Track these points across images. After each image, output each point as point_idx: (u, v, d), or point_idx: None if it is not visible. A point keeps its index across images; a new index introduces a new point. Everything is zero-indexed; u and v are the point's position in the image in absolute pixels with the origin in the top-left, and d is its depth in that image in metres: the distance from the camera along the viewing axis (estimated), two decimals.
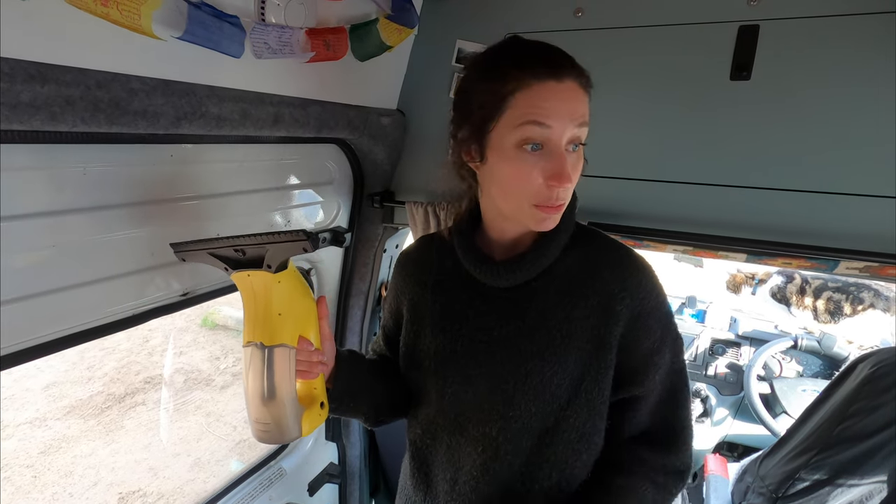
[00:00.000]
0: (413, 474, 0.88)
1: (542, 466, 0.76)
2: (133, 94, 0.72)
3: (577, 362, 0.74)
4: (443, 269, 0.84)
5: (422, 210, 1.33)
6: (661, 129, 1.10)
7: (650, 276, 0.76)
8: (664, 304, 0.78)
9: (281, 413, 0.70)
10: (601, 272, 0.75)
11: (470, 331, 0.78)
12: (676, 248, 1.12)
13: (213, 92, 0.84)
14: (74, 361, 4.46)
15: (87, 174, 0.79)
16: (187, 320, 5.31)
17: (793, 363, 2.25)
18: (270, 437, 0.73)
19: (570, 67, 0.67)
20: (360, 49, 1.06)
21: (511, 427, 0.75)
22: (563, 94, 0.65)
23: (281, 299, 0.71)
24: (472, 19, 1.25)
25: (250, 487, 1.40)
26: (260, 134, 0.99)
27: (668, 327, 0.78)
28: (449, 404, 0.80)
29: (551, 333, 0.74)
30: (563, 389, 0.74)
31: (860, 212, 0.96)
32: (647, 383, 0.76)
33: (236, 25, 0.77)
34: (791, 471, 1.23)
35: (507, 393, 0.75)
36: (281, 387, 0.70)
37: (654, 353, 0.76)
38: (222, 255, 0.74)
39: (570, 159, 0.67)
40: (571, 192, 0.71)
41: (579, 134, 0.67)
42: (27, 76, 0.60)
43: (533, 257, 0.75)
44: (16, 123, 0.61)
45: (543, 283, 0.76)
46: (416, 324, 0.85)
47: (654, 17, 1.07)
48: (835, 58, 0.95)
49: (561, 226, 0.73)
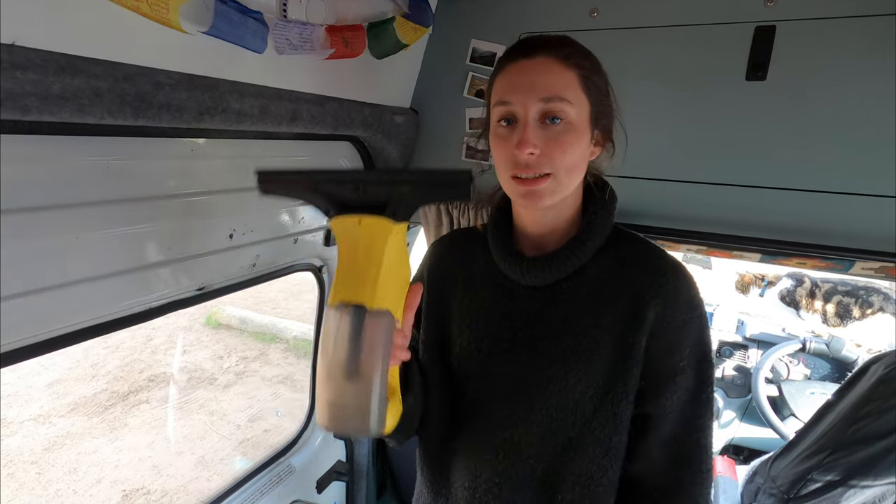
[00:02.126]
0: (431, 481, 0.83)
1: (566, 478, 0.72)
2: (158, 88, 0.73)
3: (604, 372, 0.70)
4: (475, 264, 0.81)
5: (434, 208, 1.33)
6: (676, 129, 1.11)
7: (688, 287, 0.71)
8: (700, 320, 0.71)
9: (367, 396, 0.55)
10: (635, 275, 0.71)
11: (496, 329, 0.75)
12: (690, 248, 1.12)
13: (235, 87, 0.85)
14: (78, 359, 4.46)
15: (110, 167, 0.80)
16: (191, 319, 5.32)
17: (801, 366, 2.25)
18: (346, 426, 0.56)
19: (545, 45, 0.66)
20: (377, 47, 1.07)
21: (533, 432, 0.72)
22: (531, 70, 0.66)
23: (393, 256, 0.58)
24: (487, 19, 1.26)
25: (260, 483, 1.40)
26: (278, 130, 0.99)
27: (700, 347, 0.71)
28: (470, 403, 0.77)
29: (577, 339, 0.71)
30: (588, 399, 0.70)
31: (876, 212, 0.96)
32: (662, 402, 0.70)
33: (260, 21, 0.78)
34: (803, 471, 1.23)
35: (528, 397, 0.72)
36: (373, 364, 0.55)
37: (678, 371, 0.70)
38: (329, 191, 0.60)
39: (544, 131, 0.66)
40: (548, 164, 0.66)
41: (548, 108, 0.65)
42: (58, 68, 0.61)
43: (564, 256, 0.72)
44: (46, 115, 0.62)
45: (574, 284, 0.73)
46: (442, 316, 0.82)
47: (670, 17, 1.08)
48: (851, 58, 0.95)
49: (594, 226, 0.72)
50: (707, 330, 0.72)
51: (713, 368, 0.72)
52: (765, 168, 1.04)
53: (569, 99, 0.65)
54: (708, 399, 0.72)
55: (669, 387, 0.70)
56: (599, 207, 0.74)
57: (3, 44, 0.56)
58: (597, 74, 0.69)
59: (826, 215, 1.00)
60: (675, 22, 1.07)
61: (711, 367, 0.72)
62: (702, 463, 0.72)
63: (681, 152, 1.11)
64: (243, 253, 1.11)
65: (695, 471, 0.72)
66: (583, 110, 0.67)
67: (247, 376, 4.42)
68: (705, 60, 1.06)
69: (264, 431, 3.73)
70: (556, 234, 0.75)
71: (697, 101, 1.08)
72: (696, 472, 0.72)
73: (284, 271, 1.27)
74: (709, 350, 0.72)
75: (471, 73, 1.28)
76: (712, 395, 0.72)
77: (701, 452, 0.72)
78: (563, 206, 0.73)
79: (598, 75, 0.70)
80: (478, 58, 1.28)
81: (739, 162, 1.06)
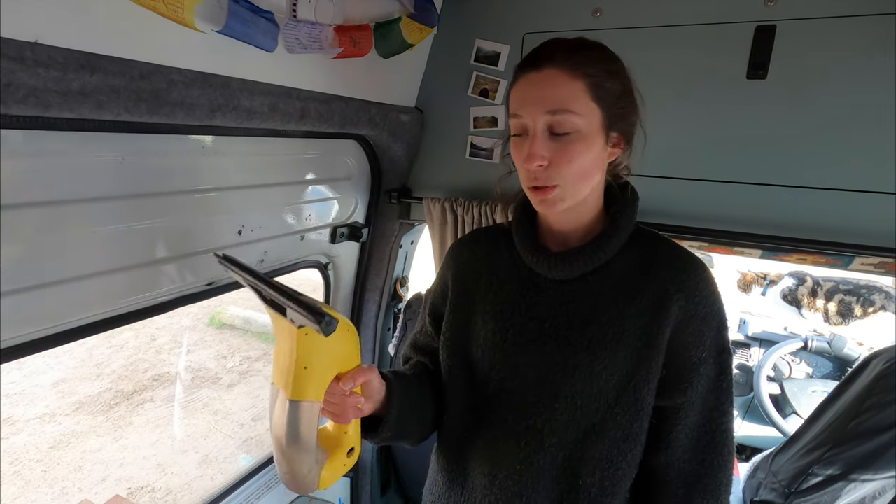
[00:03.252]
0: (447, 470, 0.85)
1: (587, 463, 0.75)
2: (172, 86, 0.75)
3: (628, 360, 0.73)
4: (500, 258, 0.84)
5: (439, 206, 1.35)
6: (677, 126, 1.12)
7: (709, 282, 0.74)
8: (719, 313, 0.75)
9: (297, 464, 0.67)
10: (658, 271, 0.74)
11: (522, 320, 0.78)
12: (692, 245, 1.13)
13: (246, 85, 0.87)
14: (83, 358, 4.49)
15: (123, 163, 0.82)
16: (194, 319, 5.35)
17: (802, 364, 2.26)
18: (287, 483, 0.70)
19: (553, 56, 0.67)
20: (384, 46, 1.09)
21: (556, 420, 0.74)
22: (538, 83, 0.68)
23: (307, 353, 0.65)
24: (490, 19, 1.28)
25: (264, 480, 1.42)
26: (286, 128, 1.01)
27: (719, 339, 0.74)
28: (494, 393, 0.78)
29: (603, 329, 0.73)
30: (612, 386, 0.73)
31: (875, 209, 0.97)
32: (688, 392, 0.74)
33: (271, 21, 0.80)
34: (804, 466, 1.24)
35: (554, 385, 0.74)
36: (302, 438, 0.66)
37: (701, 362, 0.73)
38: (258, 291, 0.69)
39: (552, 143, 0.68)
40: (557, 176, 0.68)
41: (553, 121, 0.67)
42: (78, 65, 0.63)
43: (589, 251, 0.74)
44: (66, 111, 0.64)
45: (599, 278, 0.75)
46: (466, 309, 0.84)
47: (671, 17, 1.10)
48: (851, 57, 0.97)
49: (619, 223, 0.75)
50: (726, 322, 0.75)
51: (731, 357, 0.76)
52: (765, 165, 1.05)
53: (575, 110, 0.67)
54: (728, 386, 0.76)
55: (693, 377, 0.73)
56: (623, 206, 0.77)
57: (26, 42, 0.58)
58: (611, 79, 0.69)
59: (826, 211, 1.01)
60: (677, 22, 1.09)
61: (730, 356, 0.76)
62: (724, 446, 0.76)
63: (682, 150, 1.12)
64: (252, 249, 1.13)
65: (719, 453, 0.75)
66: (593, 118, 0.68)
67: (250, 376, 4.44)
68: (706, 59, 1.07)
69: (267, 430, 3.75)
70: (578, 231, 0.77)
71: (698, 100, 1.09)
72: (720, 454, 0.76)
73: (291, 268, 1.29)
74: (727, 341, 0.75)
75: (475, 72, 1.30)
76: (731, 383, 0.76)
77: (724, 436, 0.76)
78: (583, 206, 0.75)
79: (612, 79, 0.69)
80: (482, 57, 1.29)
81: (740, 159, 1.07)
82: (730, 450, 0.76)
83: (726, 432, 0.76)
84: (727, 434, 0.76)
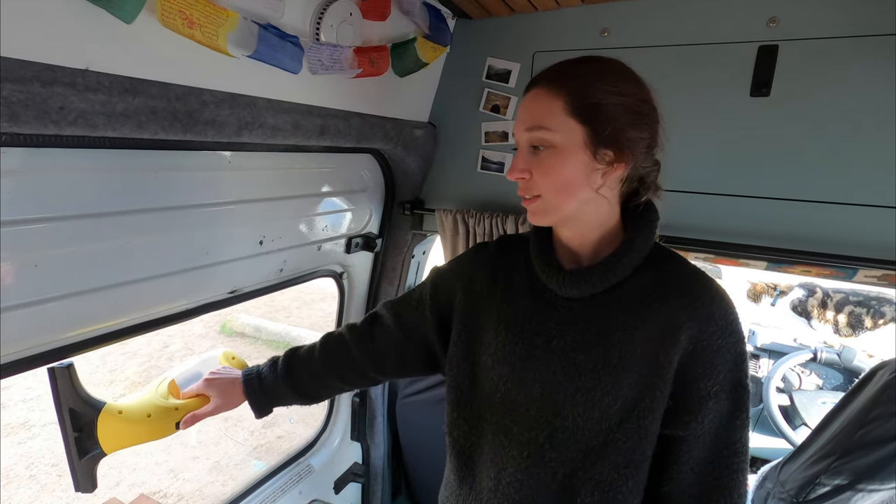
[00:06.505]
0: (458, 468, 0.87)
1: (586, 483, 0.74)
2: (205, 106, 0.80)
3: (633, 387, 0.71)
4: (515, 271, 0.84)
5: (451, 217, 1.39)
6: (683, 142, 1.15)
7: (726, 311, 0.70)
8: (736, 346, 0.70)
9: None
10: (671, 297, 0.71)
11: (530, 335, 0.77)
12: (698, 256, 1.16)
13: (271, 104, 0.92)
14: (97, 365, 4.57)
15: (157, 177, 0.87)
16: (206, 327, 5.42)
17: (812, 376, 2.25)
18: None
19: (542, 76, 0.71)
20: (400, 65, 1.14)
21: (557, 437, 0.74)
22: (525, 102, 0.72)
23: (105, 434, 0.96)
24: (501, 39, 1.32)
25: (281, 482, 1.45)
26: (307, 143, 1.06)
27: (736, 374, 0.71)
28: (500, 402, 0.79)
29: (609, 353, 0.72)
30: (615, 411, 0.71)
31: (877, 222, 1.00)
32: (693, 425, 0.71)
33: (297, 45, 0.85)
34: (811, 476, 1.24)
35: (555, 403, 0.74)
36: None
37: (711, 396, 0.70)
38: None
39: (532, 157, 0.70)
40: (536, 188, 0.70)
41: (531, 137, 0.70)
42: (122, 89, 0.68)
43: (599, 271, 0.73)
44: (110, 131, 0.69)
45: (609, 299, 0.74)
46: (478, 318, 0.84)
47: (677, 37, 1.14)
48: (852, 76, 1.00)
49: (632, 244, 0.73)
50: (744, 356, 0.72)
51: (748, 394, 0.72)
52: (768, 179, 1.08)
53: (548, 126, 0.68)
54: (743, 424, 0.72)
55: (701, 410, 0.70)
56: (640, 226, 0.75)
57: (78, 69, 0.63)
58: (601, 95, 0.67)
59: (829, 225, 1.04)
60: (682, 41, 1.13)
61: (747, 392, 0.72)
62: (734, 488, 0.72)
63: (688, 164, 1.15)
64: (271, 259, 1.17)
65: (728, 495, 0.72)
66: (571, 134, 0.68)
67: None
68: (711, 78, 1.11)
69: (278, 438, 3.78)
70: (586, 248, 0.76)
71: (704, 116, 1.13)
72: (729, 496, 0.72)
73: (308, 277, 1.34)
74: (745, 376, 0.72)
75: (486, 89, 1.35)
76: (747, 421, 0.72)
77: (733, 477, 0.72)
78: (583, 224, 0.74)
79: (603, 95, 0.67)
80: (493, 75, 1.34)
81: (744, 174, 1.10)
82: (739, 493, 0.73)
83: (737, 473, 0.72)
84: (738, 475, 0.72)
